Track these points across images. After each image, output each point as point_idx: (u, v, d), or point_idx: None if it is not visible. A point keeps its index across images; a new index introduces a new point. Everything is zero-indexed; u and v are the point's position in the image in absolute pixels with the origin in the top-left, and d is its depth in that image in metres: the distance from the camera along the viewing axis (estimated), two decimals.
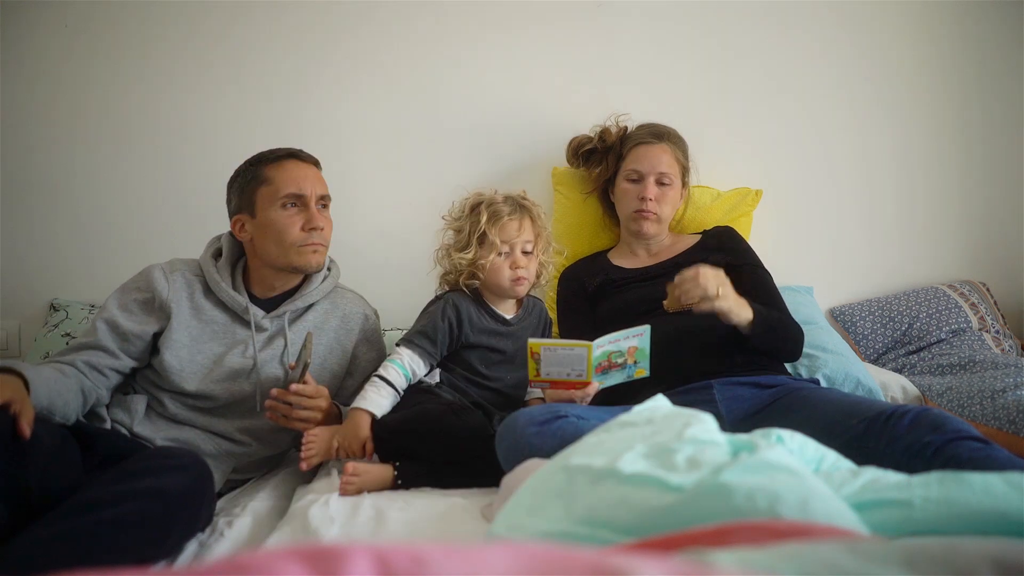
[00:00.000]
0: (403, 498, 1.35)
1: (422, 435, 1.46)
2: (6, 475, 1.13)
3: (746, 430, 0.97)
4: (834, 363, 1.93)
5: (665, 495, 0.73)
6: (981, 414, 1.76)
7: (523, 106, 2.29)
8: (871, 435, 1.27)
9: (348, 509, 1.30)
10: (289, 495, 1.51)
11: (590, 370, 1.47)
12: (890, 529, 0.73)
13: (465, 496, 1.35)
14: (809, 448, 0.92)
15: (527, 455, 1.23)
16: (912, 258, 2.41)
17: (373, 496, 1.36)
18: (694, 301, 1.50)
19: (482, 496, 1.35)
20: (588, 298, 1.87)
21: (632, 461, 0.79)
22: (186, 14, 2.23)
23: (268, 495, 1.49)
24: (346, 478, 1.39)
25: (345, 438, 1.49)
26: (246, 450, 1.61)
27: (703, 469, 0.76)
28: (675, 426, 0.87)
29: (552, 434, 1.30)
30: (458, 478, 1.42)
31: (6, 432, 1.16)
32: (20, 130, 2.22)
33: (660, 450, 0.81)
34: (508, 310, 1.71)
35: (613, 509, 0.74)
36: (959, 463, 1.13)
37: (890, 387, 1.95)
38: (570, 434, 1.25)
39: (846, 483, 0.82)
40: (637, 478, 0.76)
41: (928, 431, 1.21)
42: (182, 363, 1.55)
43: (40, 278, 2.23)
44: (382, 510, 1.27)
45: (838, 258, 2.40)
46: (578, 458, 0.83)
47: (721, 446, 0.82)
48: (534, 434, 1.31)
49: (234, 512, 1.40)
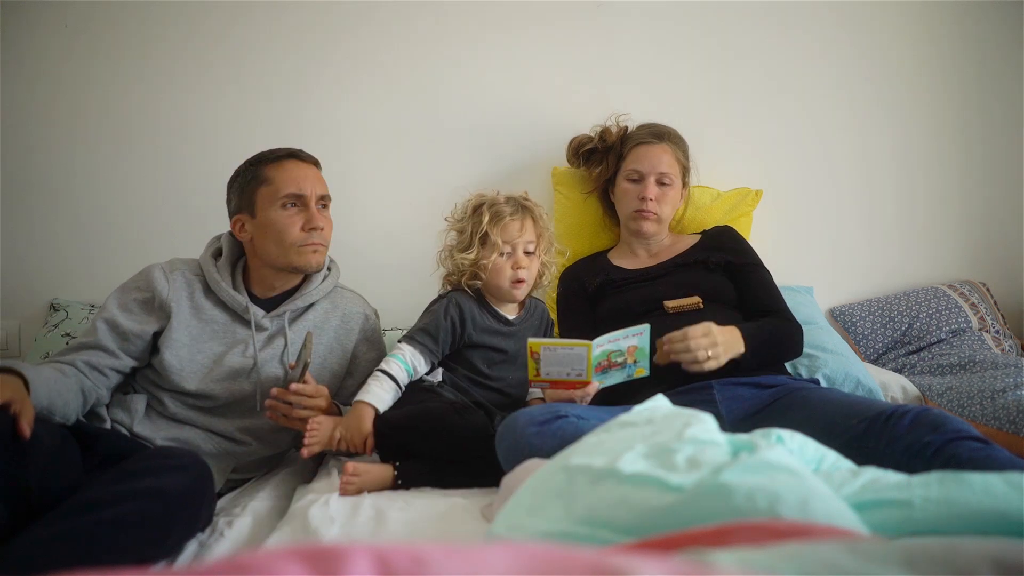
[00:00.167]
0: (403, 498, 1.35)
1: (424, 433, 1.46)
2: (6, 475, 1.13)
3: (746, 430, 0.97)
4: (834, 363, 1.93)
5: (665, 495, 0.73)
6: (981, 414, 1.76)
7: (523, 106, 2.29)
8: (871, 435, 1.27)
9: (348, 509, 1.30)
10: (289, 495, 1.51)
11: (590, 369, 1.47)
12: (890, 529, 0.73)
13: (465, 496, 1.35)
14: (809, 448, 0.92)
15: (527, 455, 1.23)
16: (912, 258, 2.41)
17: (373, 496, 1.36)
18: (684, 362, 1.50)
19: (482, 496, 1.35)
20: (588, 298, 1.87)
21: (632, 461, 0.79)
22: (186, 14, 2.23)
23: (268, 495, 1.49)
24: (346, 478, 1.39)
25: (348, 430, 1.49)
26: (246, 449, 1.61)
27: (703, 469, 0.76)
28: (675, 426, 0.87)
29: (552, 434, 1.30)
30: (458, 478, 1.42)
31: (6, 432, 1.16)
32: (20, 130, 2.22)
33: (660, 450, 0.81)
34: (510, 310, 1.71)
35: (613, 509, 0.74)
36: (959, 463, 1.13)
37: (890, 387, 1.95)
38: (570, 434, 1.25)
39: (846, 483, 0.82)
40: (637, 478, 0.76)
41: (928, 431, 1.21)
42: (182, 362, 1.55)
43: (40, 278, 2.23)
44: (382, 510, 1.27)
45: (838, 258, 2.40)
46: (578, 458, 0.83)
47: (721, 446, 0.82)
48: (534, 434, 1.31)
49: (234, 512, 1.40)
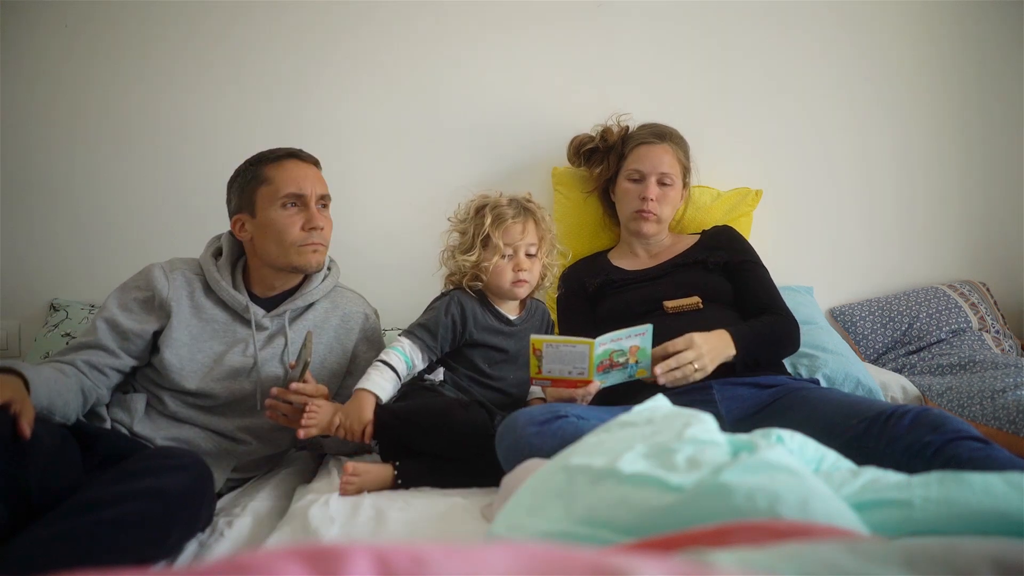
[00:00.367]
0: (403, 498, 1.35)
1: (425, 429, 1.46)
2: (6, 475, 1.13)
3: (746, 430, 0.97)
4: (834, 363, 1.93)
5: (665, 495, 0.73)
6: (981, 414, 1.76)
7: (523, 106, 2.29)
8: (871, 435, 1.27)
9: (348, 509, 1.30)
10: (289, 495, 1.51)
11: (591, 368, 1.47)
12: (890, 529, 0.73)
13: (465, 496, 1.35)
14: (809, 448, 0.92)
15: (527, 455, 1.23)
16: (912, 258, 2.41)
17: (373, 496, 1.36)
18: (671, 380, 1.52)
19: (482, 496, 1.35)
20: (588, 298, 1.87)
21: (632, 461, 0.78)
22: (186, 14, 2.23)
23: (268, 495, 1.49)
24: (346, 478, 1.39)
25: (348, 417, 1.49)
26: (246, 449, 1.61)
27: (703, 469, 0.75)
28: (675, 426, 0.86)
29: (552, 434, 1.30)
30: (458, 478, 1.42)
31: (6, 432, 1.16)
32: (20, 130, 2.22)
33: (660, 450, 0.80)
34: (511, 310, 1.71)
35: (613, 509, 0.74)
36: (959, 463, 1.13)
37: (890, 387, 1.95)
38: (570, 434, 1.25)
39: (846, 483, 0.82)
40: (637, 478, 0.76)
41: (928, 431, 1.21)
42: (182, 361, 1.55)
43: (40, 278, 2.23)
44: (382, 510, 1.27)
45: (838, 258, 2.40)
46: (578, 458, 0.83)
47: (721, 446, 0.82)
48: (534, 434, 1.31)
49: (234, 512, 1.40)
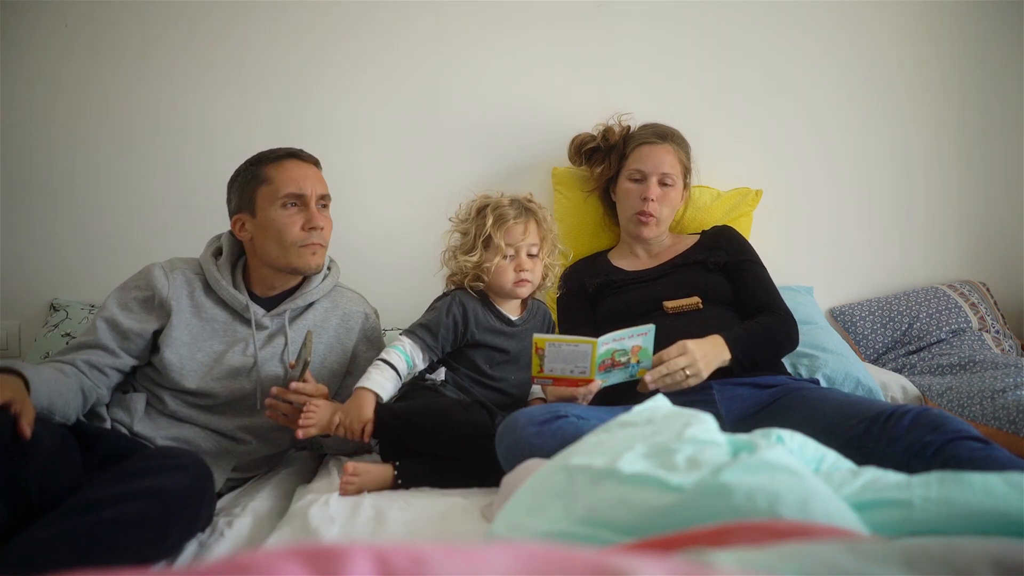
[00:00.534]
0: (403, 498, 1.35)
1: (426, 429, 1.46)
2: (6, 475, 1.13)
3: (746, 430, 0.97)
4: (834, 363, 1.93)
5: (665, 495, 0.73)
6: (981, 414, 1.76)
7: (523, 106, 2.29)
8: (871, 435, 1.27)
9: (348, 509, 1.30)
10: (289, 495, 1.51)
11: (593, 367, 1.47)
12: (890, 529, 0.73)
13: (465, 496, 1.35)
14: (809, 448, 0.92)
15: (527, 455, 1.23)
16: (912, 258, 2.41)
17: (373, 496, 1.36)
18: (664, 386, 1.52)
19: (482, 496, 1.35)
20: (588, 298, 1.87)
21: (632, 461, 0.78)
22: (186, 14, 2.23)
23: (268, 495, 1.49)
24: (346, 478, 1.39)
25: (347, 416, 1.48)
26: (246, 448, 1.61)
27: (703, 469, 0.75)
28: (675, 426, 0.86)
29: (552, 434, 1.30)
30: (458, 478, 1.42)
31: (6, 432, 1.16)
32: (20, 130, 2.22)
33: (660, 450, 0.80)
34: (513, 311, 1.71)
35: (613, 509, 0.74)
36: (959, 463, 1.13)
37: (890, 387, 1.95)
38: (570, 434, 1.25)
39: (846, 483, 0.82)
40: (637, 478, 0.76)
41: (928, 431, 1.21)
42: (182, 361, 1.55)
43: (40, 278, 2.23)
44: (382, 510, 1.27)
45: (838, 258, 2.40)
46: (578, 458, 0.83)
47: (721, 446, 0.82)
48: (534, 434, 1.31)
49: (234, 512, 1.40)
